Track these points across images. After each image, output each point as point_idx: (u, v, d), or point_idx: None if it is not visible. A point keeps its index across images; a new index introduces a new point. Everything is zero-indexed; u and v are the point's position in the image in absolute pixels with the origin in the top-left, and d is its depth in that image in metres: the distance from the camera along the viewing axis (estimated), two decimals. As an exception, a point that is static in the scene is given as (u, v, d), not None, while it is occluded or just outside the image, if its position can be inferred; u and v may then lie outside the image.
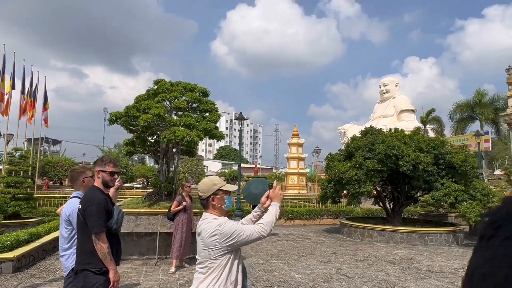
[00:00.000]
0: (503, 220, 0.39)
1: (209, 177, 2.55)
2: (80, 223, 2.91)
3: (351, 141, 12.94)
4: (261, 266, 7.65)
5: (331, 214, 16.12)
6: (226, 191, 2.44)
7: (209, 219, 2.42)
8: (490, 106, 30.58)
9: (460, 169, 10.95)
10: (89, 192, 3.00)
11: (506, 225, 0.39)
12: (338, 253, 9.31)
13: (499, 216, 0.41)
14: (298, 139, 33.21)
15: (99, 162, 3.11)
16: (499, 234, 0.38)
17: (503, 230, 0.38)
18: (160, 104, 8.87)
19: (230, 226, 2.30)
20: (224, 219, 2.36)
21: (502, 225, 0.39)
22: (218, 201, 2.41)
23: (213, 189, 2.42)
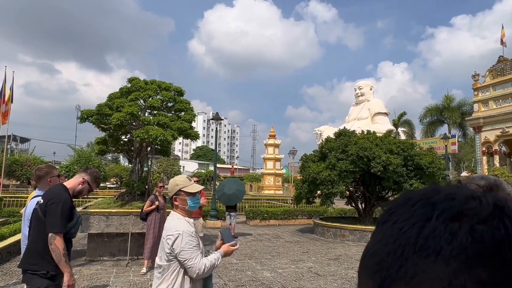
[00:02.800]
0: (396, 208, 0.46)
1: (176, 177, 2.54)
2: (36, 219, 2.70)
3: (325, 142, 13.20)
4: (234, 265, 7.68)
5: (306, 214, 16.35)
6: (188, 193, 2.40)
7: (173, 217, 2.41)
8: (458, 110, 31.97)
9: (427, 171, 11.40)
10: (56, 189, 2.81)
11: (397, 211, 0.45)
12: (311, 252, 9.47)
13: (394, 204, 0.47)
14: (275, 140, 33.45)
15: (92, 174, 2.97)
16: (390, 219, 0.45)
17: (394, 215, 0.45)
18: (133, 103, 8.74)
19: (184, 244, 2.23)
20: (185, 229, 2.29)
21: (394, 212, 0.46)
22: (180, 201, 2.39)
23: (175, 189, 2.40)
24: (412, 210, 0.44)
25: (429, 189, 0.46)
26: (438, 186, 0.47)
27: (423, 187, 0.50)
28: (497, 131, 24.21)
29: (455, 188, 0.45)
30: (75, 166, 29.08)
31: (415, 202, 0.44)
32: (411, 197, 0.46)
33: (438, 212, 0.41)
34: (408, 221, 0.43)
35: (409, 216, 0.43)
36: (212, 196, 14.50)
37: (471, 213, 0.40)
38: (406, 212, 0.44)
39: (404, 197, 0.48)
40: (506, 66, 24.19)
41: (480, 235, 0.38)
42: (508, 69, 24.08)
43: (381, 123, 46.08)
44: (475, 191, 0.44)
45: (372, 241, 0.47)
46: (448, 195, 0.43)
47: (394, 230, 0.43)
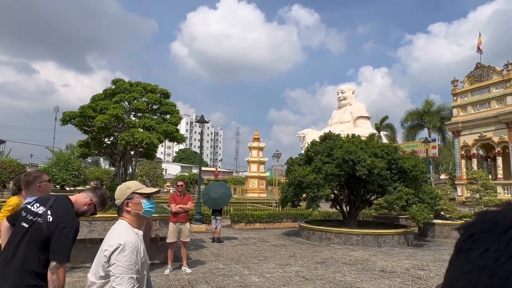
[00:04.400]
0: (480, 234, 0.41)
1: (125, 182, 2.28)
2: (40, 235, 2.33)
3: (311, 146, 13.26)
4: (221, 271, 7.58)
5: (291, 218, 16.37)
6: (143, 194, 2.16)
7: (118, 226, 2.11)
8: (437, 115, 32.83)
9: (411, 174, 11.60)
10: (68, 208, 2.47)
11: (484, 238, 0.40)
12: (298, 256, 9.46)
13: (476, 229, 0.42)
14: (259, 143, 33.44)
15: (100, 196, 2.67)
16: (477, 247, 0.40)
17: (480, 243, 0.40)
18: (118, 105, 8.54)
19: (120, 257, 1.89)
20: (129, 241, 1.96)
21: (479, 238, 0.41)
22: (134, 206, 2.12)
23: (126, 193, 2.15)
24: (505, 237, 0.39)
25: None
26: None
27: (498, 207, 0.45)
28: (475, 136, 24.97)
29: None
30: (53, 169, 28.25)
31: (506, 228, 0.40)
32: (498, 221, 0.42)
33: None
34: (504, 251, 0.38)
35: (504, 246, 0.39)
36: (197, 199, 14.33)
37: None
38: (498, 240, 0.40)
39: (487, 220, 0.43)
40: (483, 73, 25.02)
41: None
42: (485, 75, 24.90)
43: (363, 127, 46.88)
44: None
45: (456, 271, 0.42)
46: None
47: (487, 261, 0.39)
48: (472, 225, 0.43)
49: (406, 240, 11.77)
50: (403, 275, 7.56)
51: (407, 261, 9.10)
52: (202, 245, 10.76)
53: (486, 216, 0.43)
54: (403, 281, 7.06)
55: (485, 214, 0.44)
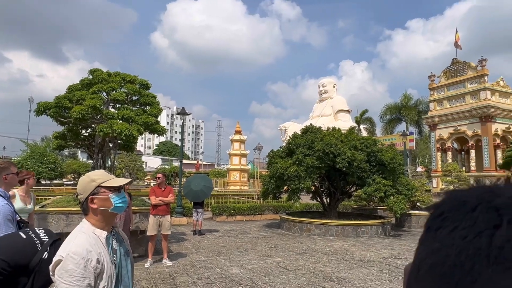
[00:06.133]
0: (449, 212, 0.42)
1: (88, 173, 1.90)
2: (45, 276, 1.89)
3: (292, 138, 13.35)
4: (203, 263, 7.58)
5: (272, 210, 16.50)
6: (111, 187, 1.81)
7: (76, 230, 1.79)
8: (415, 109, 33.62)
9: (389, 166, 11.87)
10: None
11: (452, 217, 0.41)
12: (279, 247, 9.56)
13: (445, 208, 0.43)
14: (241, 136, 33.41)
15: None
16: (446, 225, 0.41)
17: (449, 222, 0.41)
18: (96, 95, 8.32)
19: (62, 273, 1.59)
20: (76, 251, 1.63)
21: (448, 216, 0.42)
22: (100, 202, 1.78)
23: (91, 186, 1.79)
24: (473, 215, 0.40)
25: (484, 190, 0.42)
26: (492, 186, 0.43)
27: (468, 187, 0.46)
28: (450, 129, 25.74)
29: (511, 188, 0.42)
30: (28, 161, 27.38)
31: (474, 206, 0.41)
32: (466, 199, 0.42)
33: (508, 218, 0.38)
34: (471, 228, 0.39)
35: (472, 223, 0.39)
36: (178, 192, 14.22)
37: None
38: (466, 218, 0.40)
39: (455, 199, 0.44)
40: (459, 68, 25.74)
41: None
42: (460, 70, 25.63)
43: (344, 120, 47.55)
44: None
45: (425, 249, 0.43)
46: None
47: (455, 238, 0.39)
48: (441, 204, 0.44)
49: (384, 231, 12.08)
50: (380, 264, 7.77)
51: (385, 250, 9.35)
52: (183, 238, 10.71)
53: (455, 195, 0.44)
54: (380, 270, 7.26)
55: (453, 193, 0.45)
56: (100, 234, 1.78)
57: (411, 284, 0.43)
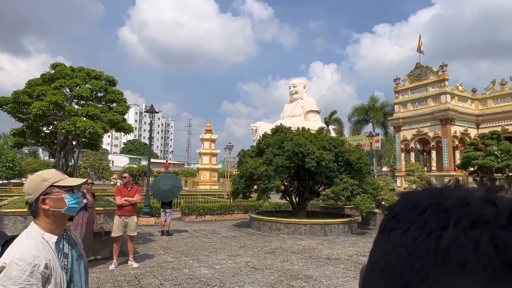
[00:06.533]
0: (402, 214, 0.42)
1: (37, 173, 1.79)
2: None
3: (262, 138, 13.41)
4: (170, 264, 7.44)
5: (242, 209, 16.49)
6: (65, 188, 1.71)
7: (22, 235, 1.65)
8: (381, 110, 34.81)
9: (356, 166, 12.21)
10: None
11: (405, 218, 0.41)
12: (248, 246, 9.57)
13: (398, 209, 0.43)
14: (211, 135, 33.15)
15: None
16: (399, 227, 0.41)
17: (402, 223, 0.41)
18: (58, 91, 7.94)
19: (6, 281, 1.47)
20: (21, 257, 1.51)
21: (401, 218, 0.42)
22: (53, 203, 1.66)
23: (42, 186, 1.67)
24: (424, 217, 0.40)
25: (434, 192, 0.43)
26: (443, 188, 0.44)
27: (422, 188, 0.47)
28: (414, 131, 26.86)
29: (461, 190, 0.43)
30: (-17, 160, 25.75)
31: (424, 208, 0.41)
32: (418, 201, 0.43)
33: (454, 220, 0.38)
34: (422, 230, 0.39)
35: (422, 225, 0.40)
36: (146, 192, 13.89)
37: (488, 219, 0.37)
38: (417, 220, 0.41)
39: (408, 200, 0.44)
40: (422, 72, 26.91)
41: (502, 244, 0.35)
42: (423, 75, 26.80)
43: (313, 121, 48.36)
44: (484, 193, 0.42)
45: (379, 251, 0.43)
46: (461, 200, 0.40)
47: (406, 240, 0.40)
48: (395, 206, 0.44)
49: (350, 229, 12.41)
50: (346, 262, 7.96)
51: (351, 248, 9.60)
52: (150, 239, 10.47)
53: (408, 196, 0.45)
54: (346, 267, 7.44)
55: (407, 195, 0.45)
56: (49, 238, 1.65)
57: (365, 284, 0.43)
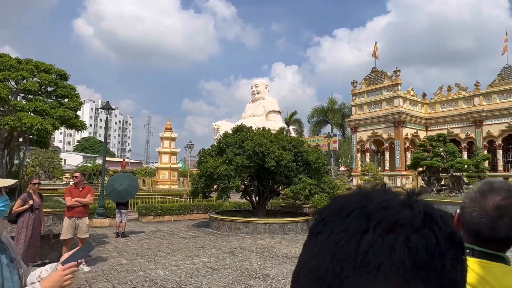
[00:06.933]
0: (328, 218, 0.43)
1: None
2: None
3: (223, 137, 13.35)
4: (125, 266, 7.18)
5: (201, 209, 16.31)
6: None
7: None
8: (339, 112, 36.04)
9: (314, 166, 12.52)
10: None
11: (331, 222, 0.42)
12: (206, 246, 9.48)
13: (326, 213, 0.44)
14: (171, 133, 32.47)
15: None
16: (325, 230, 0.42)
17: (328, 227, 0.42)
18: (1, 84, 7.36)
19: None
20: None
21: (328, 222, 0.42)
22: None
23: None
24: (347, 221, 0.41)
25: (361, 196, 0.44)
26: (368, 192, 0.45)
27: (352, 191, 0.48)
28: (369, 132, 28.06)
29: (385, 194, 0.44)
30: None
31: (349, 211, 0.42)
32: (344, 205, 0.44)
33: (374, 224, 0.39)
34: (345, 233, 0.40)
35: (346, 228, 0.41)
36: (100, 192, 13.30)
37: (405, 222, 0.39)
38: (342, 223, 0.41)
39: (336, 204, 0.45)
40: (377, 76, 28.20)
41: (415, 246, 0.37)
42: (378, 79, 28.09)
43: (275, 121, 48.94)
44: (404, 197, 0.44)
45: (307, 254, 0.43)
46: (382, 204, 0.41)
47: (330, 244, 0.40)
48: (324, 210, 0.45)
49: (308, 227, 12.68)
50: (303, 259, 8.13)
51: (308, 246, 9.82)
52: (104, 241, 10.04)
53: (337, 200, 0.46)
54: (303, 265, 7.60)
55: (336, 199, 0.46)
56: None
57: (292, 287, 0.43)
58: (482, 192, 1.09)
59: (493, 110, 23.89)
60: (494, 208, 1.05)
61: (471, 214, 1.08)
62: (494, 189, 1.07)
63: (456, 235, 0.41)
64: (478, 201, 1.08)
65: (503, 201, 1.05)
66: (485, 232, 1.06)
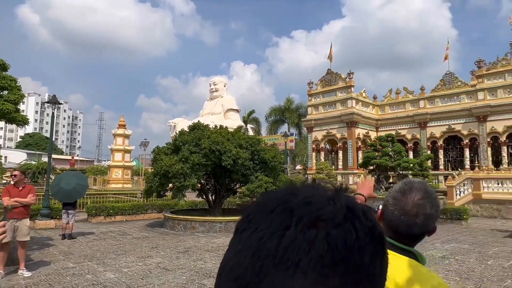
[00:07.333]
0: (254, 214, 0.42)
1: None
2: None
3: (179, 135, 13.08)
4: (71, 270, 6.78)
5: (156, 208, 15.86)
6: None
7: None
8: (296, 112, 36.81)
9: (270, 164, 12.67)
10: None
11: (256, 219, 0.41)
12: (160, 247, 9.24)
13: (252, 209, 0.43)
14: (125, 130, 31.24)
15: None
16: (249, 227, 0.41)
17: (253, 222, 0.41)
18: None
19: None
20: None
21: (253, 218, 0.41)
22: None
23: None
24: (271, 217, 0.40)
25: (287, 192, 0.43)
26: (295, 188, 0.44)
27: (281, 187, 0.47)
28: (324, 132, 28.95)
29: (311, 189, 0.44)
30: None
31: (273, 207, 0.41)
32: (270, 201, 0.43)
33: (296, 219, 0.38)
34: (267, 230, 0.39)
35: (269, 224, 0.40)
36: (45, 192, 12.45)
37: (327, 217, 0.39)
38: (265, 219, 0.40)
39: (262, 201, 0.44)
40: (332, 78, 29.16)
41: (334, 241, 0.37)
42: (333, 80, 29.05)
43: (233, 119, 48.87)
44: (330, 192, 0.43)
45: (230, 252, 0.42)
46: (305, 199, 0.41)
47: (253, 240, 0.39)
48: (250, 206, 0.44)
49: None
50: (258, 257, 8.20)
51: (264, 243, 9.92)
52: (49, 244, 9.42)
53: (263, 196, 0.45)
54: (258, 262, 7.66)
55: (263, 195, 0.45)
56: None
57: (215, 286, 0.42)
58: (402, 191, 1.19)
59: (436, 113, 25.68)
60: (412, 207, 1.14)
61: (392, 211, 1.17)
62: (413, 190, 1.17)
63: (377, 229, 0.42)
64: (398, 200, 1.17)
65: (420, 200, 1.15)
66: (402, 228, 1.15)
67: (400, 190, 1.20)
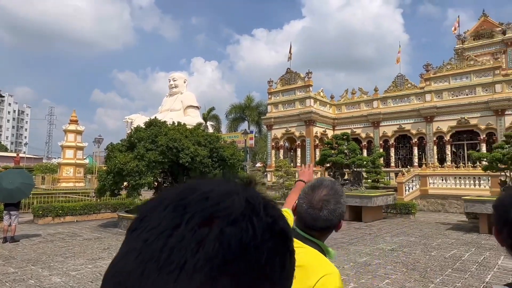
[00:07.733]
0: (148, 212, 0.38)
1: None
2: None
3: (135, 131, 12.65)
4: (11, 276, 6.31)
5: (110, 208, 15.22)
6: None
7: None
8: (256, 110, 36.99)
9: (229, 162, 12.63)
10: None
11: (148, 217, 0.37)
12: (113, 248, 8.87)
13: (147, 207, 0.39)
14: (77, 126, 29.65)
15: None
16: (140, 227, 0.36)
17: (144, 222, 0.37)
18: None
19: None
20: None
21: (146, 217, 0.37)
22: None
23: None
24: (162, 215, 0.36)
25: (187, 187, 0.40)
26: (197, 183, 0.41)
27: (185, 184, 0.44)
28: (283, 130, 29.37)
29: (213, 184, 0.40)
30: None
31: (167, 204, 0.38)
32: (165, 197, 0.39)
33: (188, 217, 0.35)
34: (156, 229, 0.35)
35: (158, 223, 0.36)
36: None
37: (223, 214, 0.35)
38: (156, 218, 0.37)
39: (159, 197, 0.41)
40: (292, 77, 29.63)
41: (227, 240, 0.34)
42: (293, 79, 29.53)
43: (193, 116, 48.09)
44: (233, 186, 0.40)
45: (117, 255, 0.38)
46: (203, 194, 0.37)
47: (139, 242, 0.35)
48: (145, 204, 0.40)
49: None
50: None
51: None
52: (-13, 248, 8.70)
53: (162, 193, 0.41)
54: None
55: (163, 192, 0.42)
56: None
57: None
58: (313, 187, 1.29)
59: (388, 113, 26.98)
60: (318, 201, 1.24)
61: (301, 204, 1.27)
62: (322, 186, 1.27)
63: (278, 225, 0.39)
64: (308, 194, 1.27)
65: (326, 196, 1.25)
66: (309, 221, 1.24)
67: (311, 186, 1.29)
